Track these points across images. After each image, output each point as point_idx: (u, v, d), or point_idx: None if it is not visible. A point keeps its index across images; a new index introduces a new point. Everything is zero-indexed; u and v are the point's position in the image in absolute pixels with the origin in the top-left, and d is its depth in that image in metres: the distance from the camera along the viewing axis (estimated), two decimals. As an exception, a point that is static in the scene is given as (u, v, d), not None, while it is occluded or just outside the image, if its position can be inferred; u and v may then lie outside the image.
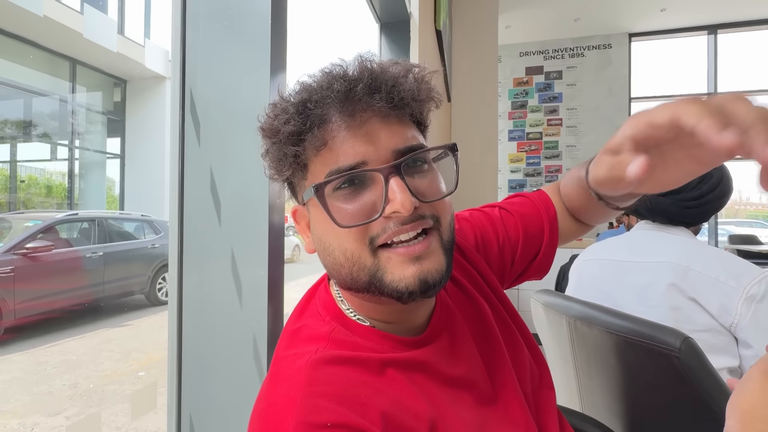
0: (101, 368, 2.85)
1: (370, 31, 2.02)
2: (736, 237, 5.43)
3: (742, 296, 0.68)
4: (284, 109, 0.37)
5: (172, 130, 0.64)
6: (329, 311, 0.41)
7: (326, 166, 0.36)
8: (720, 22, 5.68)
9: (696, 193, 0.78)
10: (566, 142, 6.12)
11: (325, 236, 0.37)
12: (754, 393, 0.30)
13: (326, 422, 0.30)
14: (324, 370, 0.34)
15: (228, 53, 0.63)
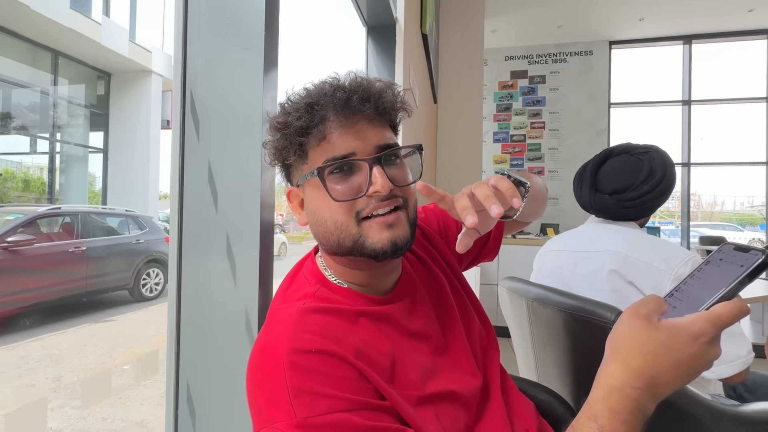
0: (85, 362, 2.85)
1: (357, 34, 2.09)
2: (705, 238, 5.70)
3: (671, 277, 0.78)
4: (296, 108, 0.46)
5: (174, 127, 0.71)
6: (314, 277, 0.50)
7: (324, 155, 0.45)
8: (694, 33, 5.94)
9: (636, 193, 0.86)
10: (549, 145, 6.30)
11: (319, 210, 0.46)
12: (621, 329, 0.39)
13: (311, 348, 0.39)
14: (310, 316, 0.43)
15: (225, 58, 0.70)
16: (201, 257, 0.69)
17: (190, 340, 0.70)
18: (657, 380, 0.36)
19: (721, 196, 9.26)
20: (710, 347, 0.36)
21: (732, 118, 6.24)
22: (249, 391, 0.41)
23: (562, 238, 1.02)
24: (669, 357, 0.35)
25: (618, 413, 0.35)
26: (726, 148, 6.14)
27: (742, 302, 0.36)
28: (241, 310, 0.68)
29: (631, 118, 6.43)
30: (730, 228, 9.07)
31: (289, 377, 0.38)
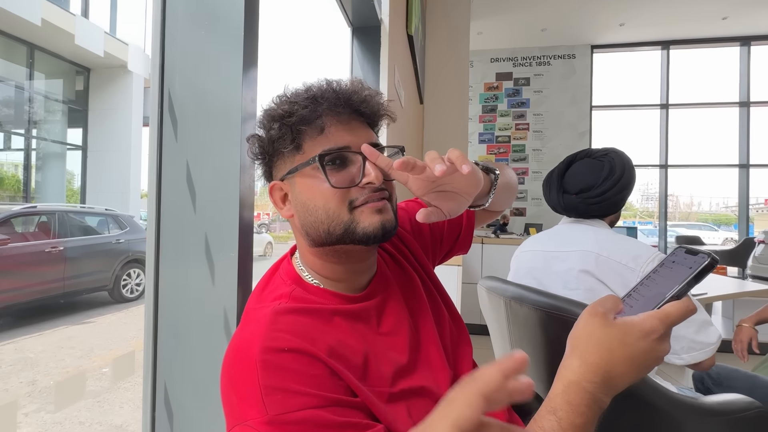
0: (62, 365, 2.77)
1: (342, 35, 2.09)
2: (681, 238, 5.90)
3: (640, 275, 0.82)
4: (301, 99, 0.47)
5: (151, 127, 0.70)
6: (290, 277, 0.51)
7: (320, 147, 0.47)
8: (672, 39, 6.14)
9: (599, 191, 0.91)
10: (532, 146, 6.41)
11: (311, 200, 0.48)
12: (580, 326, 0.41)
13: (284, 347, 0.40)
14: (284, 317, 0.44)
15: (203, 56, 0.70)
16: (179, 257, 0.69)
17: (168, 341, 0.69)
18: (611, 374, 0.38)
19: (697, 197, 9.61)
20: (660, 343, 0.38)
21: (707, 122, 6.46)
22: (222, 390, 0.42)
23: (537, 239, 1.06)
24: (622, 352, 0.38)
25: (575, 406, 0.37)
26: (702, 151, 6.36)
27: (690, 301, 0.38)
28: (220, 310, 0.68)
29: (611, 121, 6.60)
30: (706, 228, 9.42)
31: (262, 375, 0.38)
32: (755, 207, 6.56)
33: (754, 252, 4.21)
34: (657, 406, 0.72)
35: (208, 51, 0.70)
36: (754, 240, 4.50)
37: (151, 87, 0.70)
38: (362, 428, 0.39)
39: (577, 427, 0.37)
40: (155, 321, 0.69)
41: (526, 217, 6.36)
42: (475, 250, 3.23)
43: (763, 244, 4.05)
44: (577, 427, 0.37)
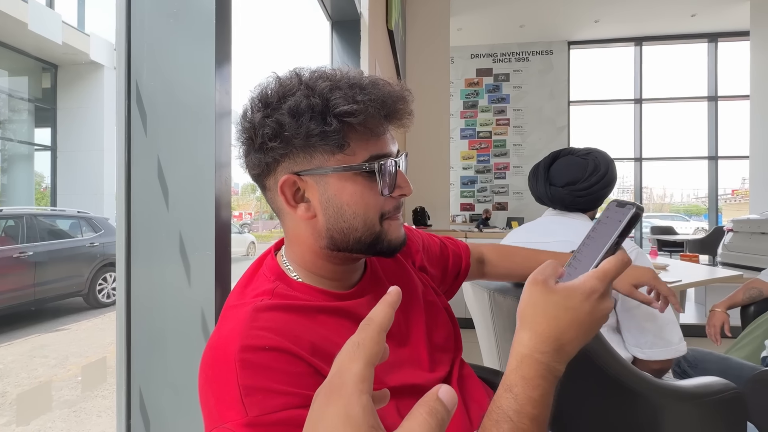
0: (34, 375, 2.66)
1: (322, 28, 2.06)
2: (656, 228, 6.11)
3: None
4: (343, 91, 0.43)
5: (118, 120, 0.67)
6: (274, 274, 0.48)
7: (368, 151, 0.45)
8: (645, 35, 6.32)
9: (586, 185, 0.94)
10: (513, 141, 6.51)
11: (351, 206, 0.45)
12: (524, 298, 0.40)
13: (264, 345, 0.38)
14: (265, 313, 0.42)
15: (173, 47, 0.67)
16: (151, 257, 0.66)
17: (142, 344, 0.66)
18: (561, 341, 0.38)
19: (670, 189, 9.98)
20: (602, 302, 0.38)
21: (678, 116, 6.70)
22: (200, 391, 0.40)
23: (520, 231, 1.07)
24: (568, 317, 0.37)
25: (530, 379, 0.37)
26: (673, 144, 6.59)
27: (624, 254, 0.39)
28: (197, 311, 0.65)
29: (588, 116, 6.76)
30: (678, 218, 9.79)
31: (240, 375, 0.36)
32: (723, 197, 6.85)
33: (724, 240, 4.40)
34: (636, 391, 0.74)
35: (177, 41, 0.67)
36: (723, 229, 4.70)
37: (116, 78, 0.67)
38: None
39: (534, 400, 0.36)
40: (128, 324, 0.66)
41: (508, 211, 6.46)
42: (458, 244, 3.26)
43: (731, 232, 4.24)
44: (534, 401, 0.36)
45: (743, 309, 1.53)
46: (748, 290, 1.49)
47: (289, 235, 0.49)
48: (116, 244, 0.67)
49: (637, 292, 0.68)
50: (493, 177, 6.56)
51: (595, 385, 0.78)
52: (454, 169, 6.57)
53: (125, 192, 0.66)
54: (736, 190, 7.35)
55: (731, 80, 6.21)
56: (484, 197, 6.56)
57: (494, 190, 6.55)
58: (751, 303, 1.50)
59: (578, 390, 0.85)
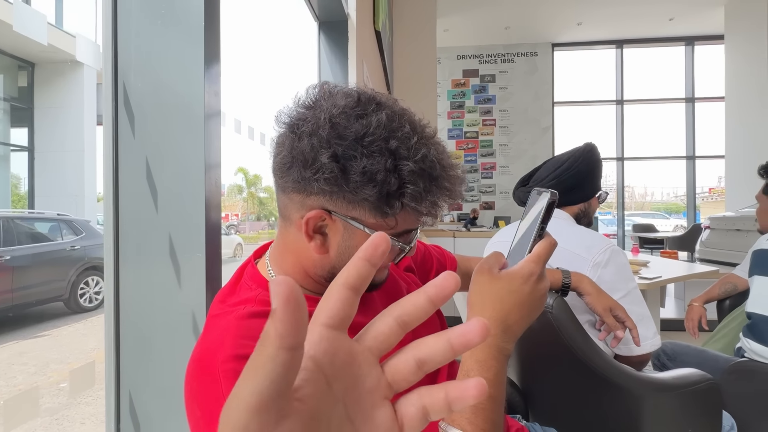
0: (13, 383, 2.58)
1: (309, 29, 2.06)
2: (638, 226, 6.28)
3: (590, 264, 0.86)
4: (425, 188, 0.42)
5: (105, 122, 0.66)
6: (257, 282, 0.48)
7: (407, 225, 0.44)
8: (626, 38, 6.48)
9: (566, 166, 0.96)
10: (499, 141, 6.60)
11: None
12: (472, 287, 0.43)
13: (248, 354, 0.37)
14: (249, 321, 0.41)
15: (161, 48, 0.66)
16: (140, 260, 0.66)
17: (131, 348, 0.66)
18: (507, 322, 0.41)
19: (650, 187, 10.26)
20: (540, 282, 0.42)
21: (658, 117, 6.89)
22: (186, 405, 0.39)
23: (507, 230, 1.10)
24: (512, 300, 0.41)
25: (483, 362, 0.40)
26: (653, 144, 6.78)
27: (550, 237, 0.43)
28: (187, 313, 0.65)
29: (572, 117, 6.90)
30: (659, 216, 10.06)
31: (225, 386, 0.36)
32: (701, 195, 7.07)
33: (701, 237, 4.55)
34: (617, 384, 0.76)
35: (165, 42, 0.66)
36: (701, 226, 4.86)
37: (103, 80, 0.66)
38: None
39: (490, 380, 0.39)
40: (117, 327, 0.66)
41: (495, 211, 6.54)
42: (447, 243, 3.28)
43: (708, 229, 4.38)
44: (490, 381, 0.39)
45: (719, 303, 1.59)
46: (724, 285, 1.55)
47: (288, 243, 0.47)
48: (104, 246, 0.66)
49: (609, 316, 0.74)
50: (480, 177, 6.64)
51: (579, 379, 0.81)
52: (442, 169, 6.60)
53: (113, 194, 0.65)
54: (713, 188, 7.60)
55: (707, 82, 6.42)
56: (471, 197, 6.63)
57: (481, 190, 6.62)
58: (726, 297, 1.56)
59: (563, 384, 0.87)
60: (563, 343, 0.76)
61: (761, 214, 1.22)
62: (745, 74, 5.07)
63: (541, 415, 0.91)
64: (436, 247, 0.79)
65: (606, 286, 0.79)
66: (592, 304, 0.75)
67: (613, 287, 0.85)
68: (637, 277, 1.86)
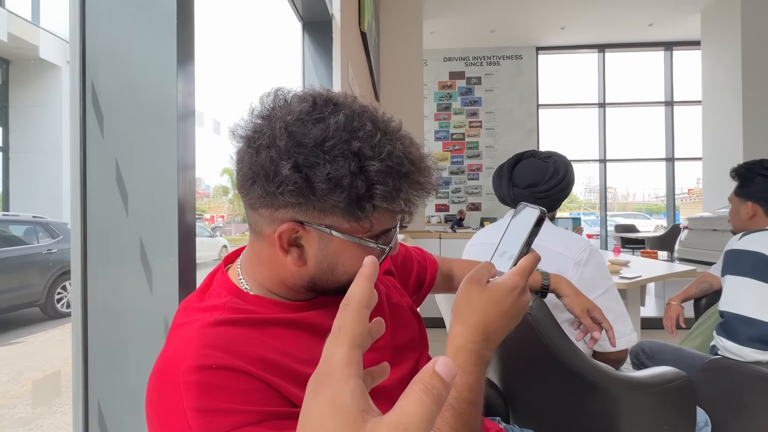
0: (-16, 392, 2.48)
1: (292, 29, 2.04)
2: (620, 226, 6.42)
3: (572, 262, 0.88)
4: (396, 186, 0.40)
5: (72, 122, 0.64)
6: (227, 289, 0.46)
7: (382, 226, 0.43)
8: (607, 42, 6.63)
9: (546, 187, 0.98)
10: (485, 143, 6.66)
11: (345, 266, 0.43)
12: (459, 295, 0.44)
13: (212, 364, 0.37)
14: (214, 330, 0.40)
15: (131, 44, 0.64)
16: (110, 265, 0.63)
17: (101, 356, 0.63)
18: (489, 331, 0.43)
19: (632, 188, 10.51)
20: (523, 295, 0.44)
21: (638, 120, 7.07)
22: (147, 418, 0.38)
23: (484, 232, 1.11)
24: (496, 310, 0.43)
25: (465, 367, 0.41)
26: (634, 146, 6.94)
27: (535, 252, 0.45)
28: (159, 319, 0.63)
29: (556, 119, 7.02)
30: (640, 216, 10.30)
31: (186, 398, 0.35)
32: (680, 196, 7.27)
33: (680, 237, 4.67)
34: (595, 384, 0.77)
35: (136, 39, 0.64)
36: (680, 226, 4.99)
37: (70, 78, 0.64)
38: None
39: (470, 386, 0.40)
40: (85, 334, 0.63)
41: (482, 212, 6.60)
42: (433, 244, 3.30)
43: (687, 229, 4.50)
44: (470, 386, 0.40)
45: (696, 301, 1.63)
46: (700, 284, 1.59)
47: (262, 257, 0.45)
48: (71, 250, 0.64)
49: (587, 317, 0.75)
50: (467, 178, 6.69)
51: (558, 379, 0.82)
52: (429, 170, 6.63)
53: (80, 197, 0.63)
54: (692, 189, 7.83)
55: (685, 86, 6.61)
56: (458, 198, 6.67)
57: (468, 191, 6.68)
58: (702, 296, 1.60)
59: (543, 385, 0.88)
60: (542, 345, 0.77)
61: (733, 215, 1.26)
62: (721, 79, 5.24)
63: (522, 416, 0.91)
64: (417, 249, 0.79)
65: (586, 283, 0.80)
66: (570, 305, 0.76)
67: (594, 284, 0.87)
68: (618, 277, 1.90)
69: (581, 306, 0.76)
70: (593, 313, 0.75)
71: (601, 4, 5.36)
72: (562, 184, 0.98)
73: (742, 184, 1.24)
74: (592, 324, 0.74)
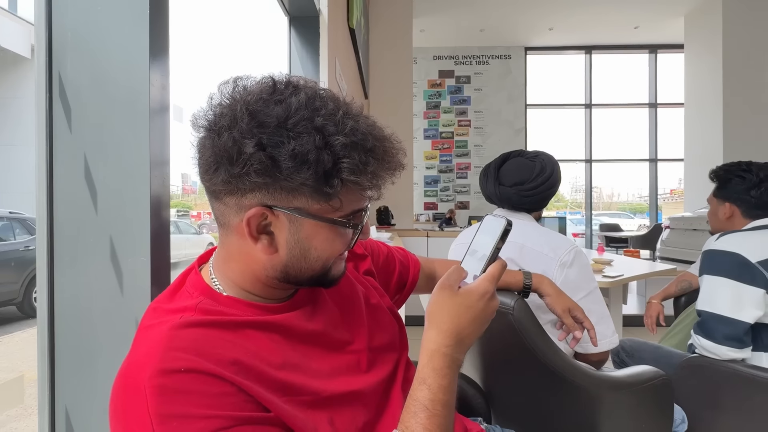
0: (-45, 394, 2.38)
1: (279, 24, 2.00)
2: (604, 225, 6.54)
3: (557, 263, 0.88)
4: (362, 160, 0.40)
5: (38, 115, 0.61)
6: (198, 289, 0.44)
7: (353, 206, 0.43)
8: (594, 44, 6.72)
9: (532, 185, 0.98)
10: (474, 142, 6.70)
11: (318, 251, 0.43)
12: (433, 300, 0.45)
13: (180, 368, 0.35)
14: (183, 331, 0.38)
15: (100, 34, 0.62)
16: (77, 264, 0.61)
17: (68, 360, 0.61)
18: (461, 335, 0.44)
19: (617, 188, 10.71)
20: (492, 300, 0.45)
21: (623, 121, 7.19)
22: (110, 424, 0.36)
23: (468, 232, 1.10)
24: (467, 315, 0.44)
25: (439, 370, 0.42)
26: (619, 147, 7.06)
27: (502, 260, 0.47)
28: (130, 321, 0.61)
29: (544, 119, 7.09)
30: (624, 216, 10.50)
31: (152, 403, 0.34)
32: (663, 196, 7.43)
33: (662, 236, 4.77)
34: (576, 384, 0.78)
35: (106, 27, 0.62)
36: (662, 226, 5.10)
37: (36, 69, 0.61)
38: None
39: (444, 387, 0.41)
40: (51, 337, 0.61)
41: (470, 210, 6.64)
42: (420, 243, 3.30)
43: (668, 229, 4.60)
44: (444, 388, 0.41)
45: (676, 300, 1.66)
46: (680, 283, 1.63)
47: (232, 251, 0.44)
48: (37, 249, 0.61)
49: (569, 317, 0.76)
50: (455, 177, 6.71)
51: (539, 379, 0.82)
52: (418, 168, 6.65)
53: (47, 193, 0.60)
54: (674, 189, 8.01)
55: (668, 89, 6.74)
56: (446, 196, 6.70)
57: (456, 190, 6.71)
58: (682, 294, 1.63)
59: (524, 385, 0.88)
60: (524, 345, 0.77)
61: (711, 216, 1.28)
62: (703, 82, 5.36)
63: (503, 416, 0.91)
64: (400, 249, 0.78)
65: (571, 285, 0.81)
66: (552, 305, 0.76)
67: (578, 286, 0.88)
68: (602, 276, 1.93)
69: (563, 305, 0.76)
70: (575, 312, 0.75)
71: (589, 7, 5.42)
72: (548, 182, 0.98)
73: (720, 186, 1.26)
74: (574, 323, 0.75)
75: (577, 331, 0.74)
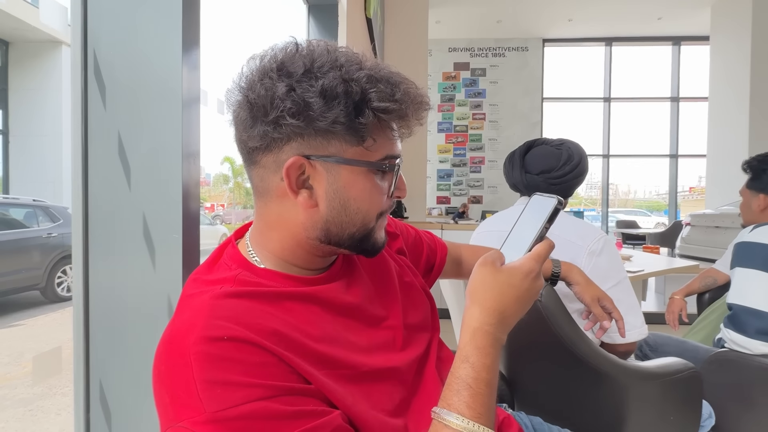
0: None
1: (298, 12, 2.00)
2: (621, 222, 6.41)
3: (586, 252, 0.87)
4: (387, 90, 0.41)
5: (74, 91, 0.62)
6: (237, 262, 0.45)
7: (386, 150, 0.44)
8: (615, 36, 6.53)
9: (560, 173, 0.96)
10: (488, 136, 6.61)
11: (357, 201, 0.44)
12: (474, 277, 0.44)
13: (223, 335, 0.35)
14: (225, 301, 0.39)
15: (135, 13, 0.62)
16: (111, 240, 0.62)
17: (102, 334, 0.62)
18: (505, 314, 0.43)
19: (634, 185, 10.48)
20: (537, 280, 0.44)
21: (643, 115, 7.00)
22: (154, 389, 0.37)
23: (492, 220, 1.09)
24: (511, 294, 0.43)
25: (482, 348, 0.41)
26: (637, 142, 6.89)
27: (550, 240, 0.46)
28: (162, 297, 0.62)
29: (561, 113, 6.95)
30: (641, 213, 10.29)
31: (197, 369, 0.34)
32: (681, 194, 7.24)
33: (682, 233, 4.66)
34: (604, 372, 0.76)
35: (140, 9, 0.62)
36: (681, 223, 4.98)
37: (71, 46, 0.61)
38: (317, 416, 0.36)
39: (487, 366, 0.40)
40: (86, 312, 0.62)
41: (483, 204, 6.57)
42: (435, 236, 3.29)
43: (689, 226, 4.49)
44: (487, 366, 0.40)
45: (699, 296, 1.62)
46: (704, 279, 1.58)
47: (271, 220, 0.45)
48: (72, 225, 0.62)
49: (597, 306, 0.74)
50: (469, 171, 6.65)
51: (565, 368, 0.81)
52: (431, 162, 6.60)
53: (82, 169, 0.61)
54: (693, 187, 7.79)
55: (692, 82, 6.53)
56: (459, 190, 6.64)
57: (470, 184, 6.64)
58: (706, 291, 1.59)
59: (549, 372, 0.87)
60: (551, 332, 0.76)
61: (744, 208, 1.24)
62: (729, 75, 5.17)
63: (527, 403, 0.91)
64: (427, 232, 0.77)
65: (599, 273, 0.79)
66: (580, 293, 0.75)
67: (607, 275, 0.86)
68: (621, 270, 1.89)
69: (591, 295, 0.74)
70: (604, 302, 0.74)
71: (610, -4, 5.27)
72: (577, 171, 0.96)
73: (754, 176, 1.22)
74: (603, 313, 0.73)
75: (606, 321, 0.73)
